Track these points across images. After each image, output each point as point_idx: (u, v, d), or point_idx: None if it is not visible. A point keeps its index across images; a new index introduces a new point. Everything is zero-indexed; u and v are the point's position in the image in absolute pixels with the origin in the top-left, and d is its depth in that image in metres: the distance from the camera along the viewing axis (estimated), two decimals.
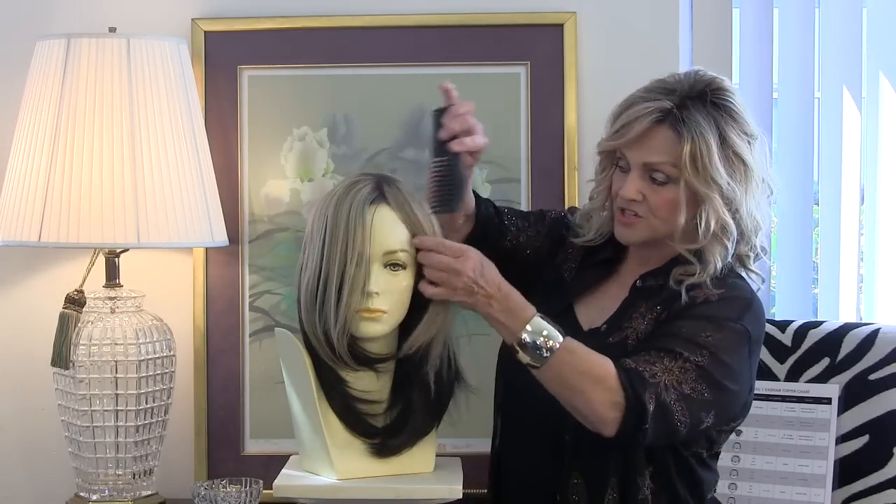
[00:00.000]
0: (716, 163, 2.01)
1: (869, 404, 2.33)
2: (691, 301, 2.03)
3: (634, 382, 1.94)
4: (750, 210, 2.05)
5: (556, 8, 2.59)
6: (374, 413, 2.11)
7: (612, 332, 2.08)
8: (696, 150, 2.01)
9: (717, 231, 2.03)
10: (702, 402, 1.97)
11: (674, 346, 1.98)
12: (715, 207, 2.02)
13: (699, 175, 2.01)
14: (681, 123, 2.02)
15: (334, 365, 2.08)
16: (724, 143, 2.03)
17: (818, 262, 2.78)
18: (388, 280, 2.06)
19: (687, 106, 2.03)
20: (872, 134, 2.74)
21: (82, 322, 2.41)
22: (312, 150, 2.62)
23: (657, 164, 2.04)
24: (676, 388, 1.95)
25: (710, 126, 2.02)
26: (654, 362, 1.96)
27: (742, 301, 2.04)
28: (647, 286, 2.10)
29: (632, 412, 1.93)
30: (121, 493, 2.44)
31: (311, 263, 2.07)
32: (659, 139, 2.04)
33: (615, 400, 1.93)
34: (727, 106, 2.05)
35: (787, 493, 2.35)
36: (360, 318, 2.06)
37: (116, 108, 2.33)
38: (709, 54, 2.67)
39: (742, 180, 2.03)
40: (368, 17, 2.61)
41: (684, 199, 2.03)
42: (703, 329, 1.99)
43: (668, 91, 2.06)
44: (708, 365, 1.97)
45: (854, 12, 2.72)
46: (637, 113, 2.05)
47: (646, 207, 2.06)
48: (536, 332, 1.95)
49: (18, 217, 2.34)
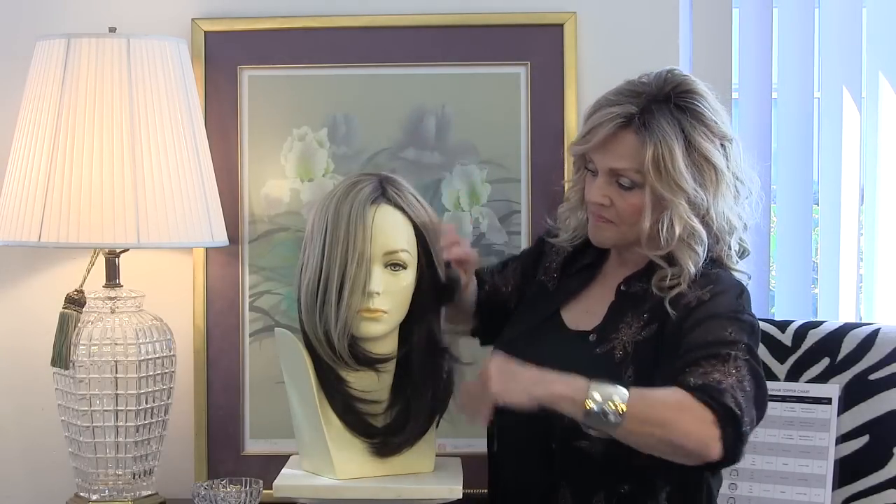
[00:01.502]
0: (680, 168, 1.99)
1: (869, 404, 2.33)
2: (686, 309, 2.01)
3: (712, 394, 1.88)
4: (721, 213, 2.03)
5: (556, 8, 2.59)
6: (375, 413, 2.11)
7: (601, 342, 2.06)
8: (659, 156, 1.99)
9: (683, 236, 2.01)
10: (756, 397, 1.93)
11: (716, 351, 1.93)
12: (680, 213, 2.00)
13: (663, 180, 2.00)
14: (643, 129, 2.01)
15: (334, 365, 2.08)
16: (690, 147, 2.01)
17: (818, 262, 2.78)
18: (389, 280, 2.06)
19: (651, 110, 2.02)
20: (872, 134, 2.74)
21: (82, 322, 2.41)
22: (312, 150, 2.62)
23: (622, 169, 2.03)
24: (741, 388, 1.91)
25: (674, 130, 2.00)
26: (710, 372, 1.91)
27: (734, 291, 2.03)
28: (633, 291, 2.09)
29: (726, 423, 1.87)
30: (121, 493, 2.44)
31: (312, 263, 2.07)
32: (623, 145, 2.03)
33: (705, 417, 1.87)
34: (693, 109, 2.03)
35: (787, 493, 2.34)
36: (361, 318, 2.06)
37: (116, 108, 2.33)
38: (709, 54, 2.67)
39: (711, 183, 2.02)
40: (368, 17, 2.61)
41: (649, 204, 2.02)
42: (722, 328, 1.96)
43: (635, 94, 2.04)
44: (751, 359, 1.94)
45: (854, 12, 2.72)
46: (602, 118, 2.04)
47: (614, 212, 2.06)
48: (600, 392, 1.87)
49: (18, 217, 2.34)
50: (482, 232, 2.60)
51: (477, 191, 2.61)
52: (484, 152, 2.60)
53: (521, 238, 2.59)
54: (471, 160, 2.60)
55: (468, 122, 2.59)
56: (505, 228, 2.61)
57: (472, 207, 2.61)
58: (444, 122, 2.60)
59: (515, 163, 2.60)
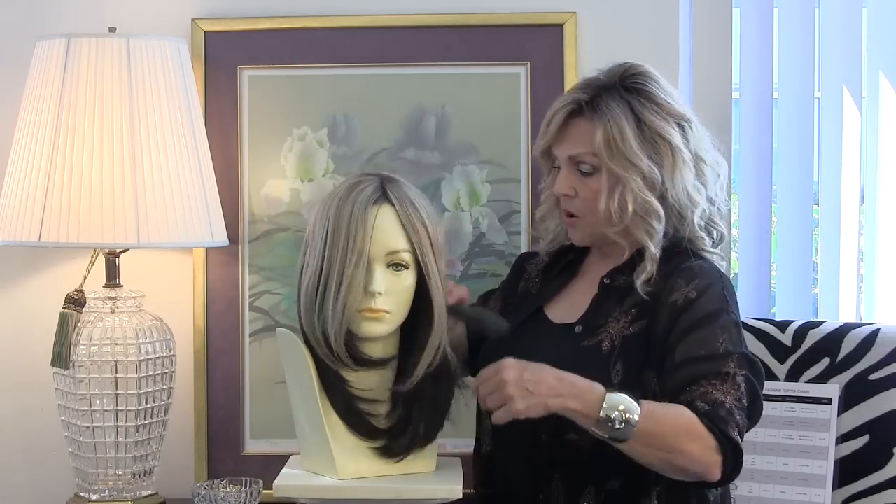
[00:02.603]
0: (631, 145, 2.05)
1: (869, 404, 2.33)
2: (672, 309, 2.03)
3: (717, 422, 1.94)
4: (680, 188, 2.07)
5: (556, 8, 2.59)
6: (377, 413, 2.11)
7: (587, 335, 2.08)
8: (610, 135, 2.05)
9: (638, 211, 2.06)
10: (753, 406, 2.01)
11: (714, 368, 1.98)
12: (633, 189, 2.05)
13: (615, 159, 2.06)
14: (593, 112, 2.08)
15: (333, 365, 2.08)
16: (641, 125, 2.06)
17: (818, 262, 2.78)
18: (391, 280, 2.06)
19: (600, 95, 2.09)
20: (872, 134, 2.74)
21: (82, 322, 2.41)
22: (312, 150, 2.62)
23: (579, 155, 2.10)
24: (740, 407, 1.97)
25: (623, 110, 2.06)
26: (711, 392, 1.97)
27: (717, 287, 2.05)
28: (617, 285, 2.12)
29: (727, 453, 1.95)
30: (121, 493, 2.44)
31: (313, 263, 2.07)
32: (577, 131, 2.10)
33: (710, 445, 1.94)
34: (642, 89, 2.09)
35: (787, 493, 2.35)
36: (363, 318, 2.06)
37: (116, 108, 2.33)
38: (709, 54, 2.67)
39: (667, 159, 2.06)
40: (368, 17, 2.61)
41: (605, 185, 2.07)
42: (714, 338, 2.00)
43: (586, 85, 2.13)
44: (747, 370, 2.00)
45: (854, 12, 2.72)
46: (553, 110, 2.13)
47: (579, 203, 2.11)
48: (612, 408, 1.91)
49: (18, 217, 2.34)
50: (482, 232, 2.60)
51: (477, 191, 2.61)
52: (484, 152, 2.60)
53: (521, 238, 2.59)
54: (471, 160, 2.60)
55: (468, 122, 2.60)
56: (505, 228, 2.61)
57: (472, 207, 2.61)
58: (444, 122, 2.60)
59: (515, 163, 2.60)
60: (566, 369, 1.97)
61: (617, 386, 1.97)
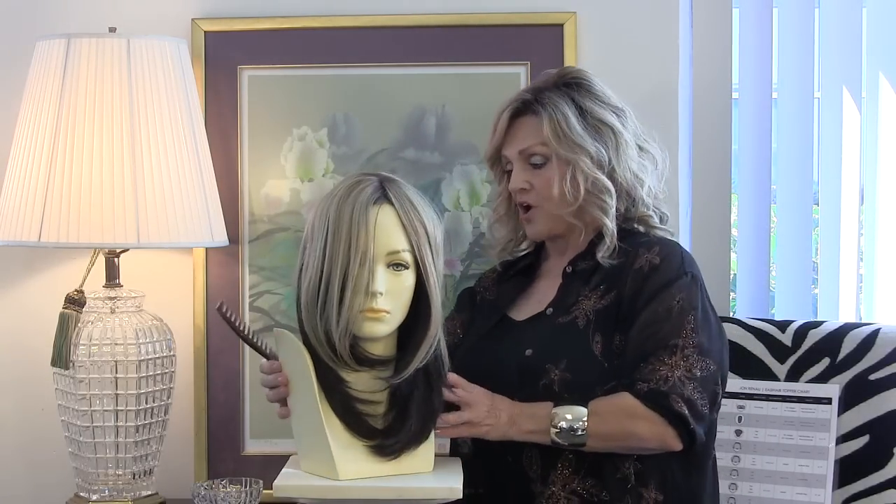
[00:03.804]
0: (576, 129, 2.17)
1: (869, 404, 2.33)
2: (639, 275, 2.12)
3: (658, 399, 2.04)
4: (627, 167, 2.19)
5: (556, 8, 2.59)
6: (375, 414, 2.11)
7: (560, 314, 2.17)
8: (556, 123, 2.17)
9: (590, 189, 2.16)
10: (712, 373, 2.07)
11: (665, 341, 2.07)
12: (582, 168, 2.16)
13: (563, 144, 2.17)
14: (538, 106, 2.19)
15: (335, 366, 2.08)
16: (583, 112, 2.19)
17: (818, 262, 2.78)
18: (391, 280, 2.06)
19: (542, 91, 2.22)
20: (872, 134, 2.74)
21: (82, 322, 2.41)
22: (312, 150, 2.62)
23: (529, 147, 2.20)
24: (690, 377, 2.05)
25: (564, 101, 2.19)
26: (658, 368, 2.06)
27: (676, 251, 2.16)
28: (579, 269, 2.20)
29: (676, 424, 2.04)
30: (121, 493, 2.44)
31: (313, 264, 2.07)
32: (523, 127, 2.22)
33: (656, 421, 2.04)
34: (580, 83, 2.22)
35: (787, 494, 2.35)
36: (364, 319, 2.05)
37: (116, 108, 2.33)
38: (709, 54, 2.67)
39: (611, 141, 2.18)
40: (368, 17, 2.61)
41: (557, 170, 2.17)
42: (671, 298, 2.09)
43: (527, 89, 2.27)
44: (700, 335, 2.07)
45: (854, 12, 2.72)
46: (498, 112, 2.26)
47: (535, 194, 2.20)
48: (563, 418, 2.06)
49: (18, 217, 2.34)
50: (482, 232, 2.60)
51: (477, 191, 2.61)
52: (484, 152, 2.59)
53: None
54: (471, 160, 2.60)
55: (468, 122, 2.60)
56: None
57: (472, 207, 2.61)
58: (444, 122, 2.60)
59: None
60: (545, 346, 2.11)
61: (600, 356, 2.09)
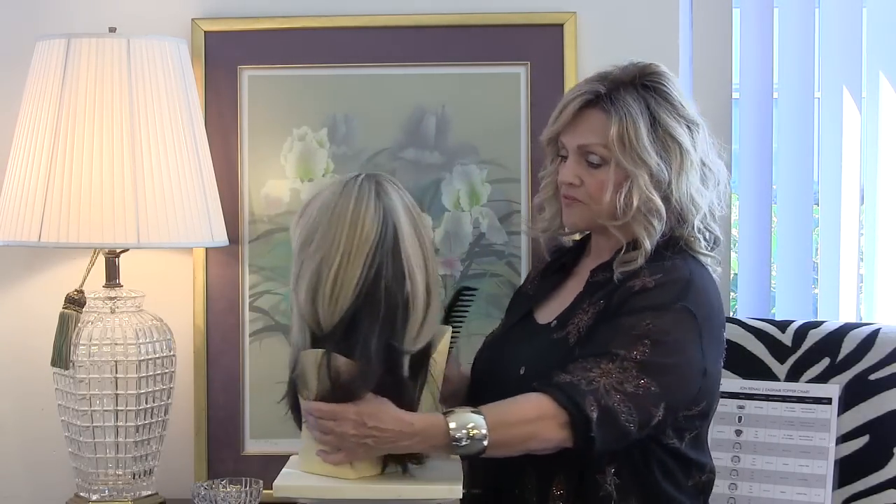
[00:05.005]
0: (644, 141, 2.05)
1: (869, 404, 2.33)
2: (628, 292, 2.04)
3: (572, 395, 1.95)
4: (685, 191, 2.07)
5: (556, 8, 2.59)
6: None
7: (559, 328, 2.11)
8: (624, 129, 2.05)
9: (641, 208, 2.05)
10: (650, 395, 1.97)
11: (610, 348, 1.99)
12: (639, 185, 2.05)
13: (626, 154, 2.05)
14: (609, 104, 2.07)
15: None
16: (655, 123, 2.07)
17: (818, 262, 2.78)
18: None
19: (618, 89, 2.09)
20: (872, 134, 2.74)
21: (82, 322, 2.41)
22: (312, 150, 2.62)
23: (589, 145, 2.09)
24: (618, 390, 1.96)
25: (639, 106, 2.07)
26: (590, 369, 1.98)
27: (679, 283, 2.04)
28: (597, 280, 2.13)
29: (577, 424, 1.94)
30: (121, 493, 2.44)
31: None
32: (589, 121, 2.09)
33: (560, 421, 1.95)
34: (659, 88, 2.10)
35: (787, 494, 2.34)
36: None
37: (116, 108, 2.33)
38: (709, 54, 2.67)
39: (675, 160, 2.07)
40: (368, 17, 2.61)
41: (613, 178, 2.07)
42: (642, 319, 1.99)
43: (603, 77, 2.12)
44: (650, 356, 1.97)
45: (854, 12, 2.72)
46: (569, 98, 2.12)
47: (583, 191, 2.11)
48: (459, 429, 1.94)
49: (18, 217, 2.34)
50: (482, 232, 2.60)
51: (477, 191, 2.61)
52: (484, 152, 2.60)
53: (521, 238, 2.60)
54: (471, 160, 2.60)
55: (468, 122, 2.60)
56: (505, 228, 2.61)
57: (472, 207, 2.61)
58: (444, 122, 2.60)
59: (515, 163, 2.60)
60: (535, 364, 2.04)
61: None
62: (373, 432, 1.95)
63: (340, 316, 1.98)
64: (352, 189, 2.01)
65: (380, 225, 1.98)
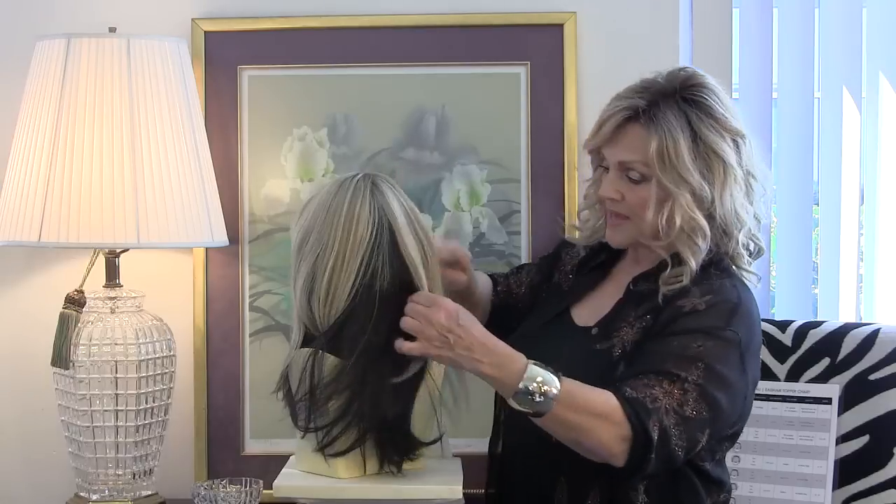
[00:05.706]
0: (685, 160, 2.00)
1: (869, 404, 2.33)
2: (678, 312, 2.00)
3: (639, 412, 1.90)
4: (729, 208, 2.03)
5: (556, 8, 2.59)
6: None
7: (601, 338, 2.07)
8: (664, 148, 2.00)
9: (684, 228, 2.01)
10: (700, 421, 1.94)
11: (670, 368, 1.94)
12: (682, 204, 2.00)
13: (667, 172, 2.00)
14: (650, 121, 2.02)
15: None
16: (697, 140, 2.02)
17: (818, 262, 2.78)
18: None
19: (658, 103, 2.03)
20: (872, 134, 2.74)
21: (82, 322, 2.41)
22: (312, 150, 2.62)
23: (629, 162, 2.04)
24: (678, 412, 1.93)
25: (680, 123, 2.01)
26: (653, 386, 1.93)
27: (729, 305, 2.01)
28: (640, 290, 2.09)
29: (637, 443, 1.90)
30: (121, 493, 2.44)
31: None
32: (630, 137, 2.04)
33: (622, 433, 1.90)
34: (701, 102, 2.04)
35: (787, 494, 2.35)
36: None
37: (116, 108, 2.33)
38: (709, 54, 2.67)
39: (719, 177, 2.02)
40: (368, 17, 2.61)
41: (654, 196, 2.02)
42: (693, 340, 1.96)
43: (644, 89, 2.06)
44: (705, 381, 1.94)
45: (854, 12, 2.72)
46: (610, 111, 2.07)
47: (626, 206, 2.06)
48: (531, 379, 1.90)
49: (18, 217, 2.34)
50: (482, 232, 2.60)
51: (477, 191, 2.61)
52: (484, 152, 2.60)
53: (521, 238, 2.59)
54: (471, 160, 2.60)
55: (468, 122, 2.60)
56: (505, 228, 2.61)
57: (472, 207, 2.61)
58: (444, 122, 2.60)
59: (515, 163, 2.60)
60: (577, 371, 1.96)
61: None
62: (459, 332, 1.91)
63: (336, 315, 1.99)
64: (347, 188, 2.02)
65: (375, 223, 1.99)
